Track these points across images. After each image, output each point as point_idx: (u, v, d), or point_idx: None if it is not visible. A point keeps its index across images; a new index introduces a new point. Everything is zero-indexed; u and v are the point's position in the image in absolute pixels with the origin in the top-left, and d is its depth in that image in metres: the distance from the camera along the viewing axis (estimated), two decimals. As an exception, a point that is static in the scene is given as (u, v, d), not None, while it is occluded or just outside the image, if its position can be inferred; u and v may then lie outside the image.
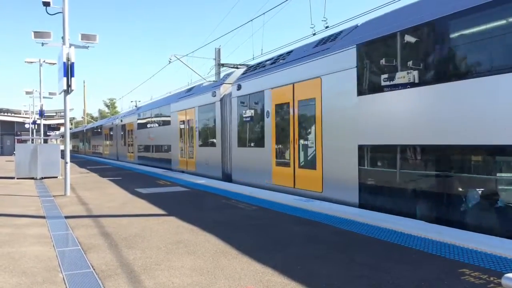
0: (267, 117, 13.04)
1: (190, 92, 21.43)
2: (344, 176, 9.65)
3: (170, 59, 28.68)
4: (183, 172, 20.51)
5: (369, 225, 6.97)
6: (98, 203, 10.20)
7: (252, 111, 14.09)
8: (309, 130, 11.20)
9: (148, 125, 27.61)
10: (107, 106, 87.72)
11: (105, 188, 13.36)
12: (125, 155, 32.96)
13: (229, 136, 16.12)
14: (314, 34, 13.96)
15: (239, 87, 14.92)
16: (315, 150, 10.75)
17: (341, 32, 10.86)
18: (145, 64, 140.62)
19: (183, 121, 21.14)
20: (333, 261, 5.06)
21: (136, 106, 40.32)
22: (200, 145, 18.93)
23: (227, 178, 16.07)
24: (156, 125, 25.80)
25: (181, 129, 21.50)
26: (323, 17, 13.43)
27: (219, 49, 28.31)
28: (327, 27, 13.28)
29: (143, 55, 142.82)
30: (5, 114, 58.07)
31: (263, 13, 16.78)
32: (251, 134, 14.38)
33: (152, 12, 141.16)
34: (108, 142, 40.35)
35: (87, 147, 54.96)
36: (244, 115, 14.60)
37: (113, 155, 37.38)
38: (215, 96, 17.18)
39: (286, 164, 11.96)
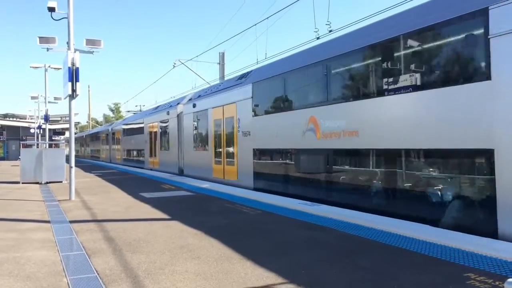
0: (209, 128, 17.89)
1: (156, 109, 28.21)
2: (247, 169, 14.38)
3: (175, 64, 28.88)
4: (151, 169, 26.30)
5: (373, 229, 6.94)
6: (102, 207, 10.22)
7: (198, 123, 19.14)
8: (231, 138, 15.65)
9: (130, 134, 34.09)
10: (111, 110, 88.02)
11: (110, 193, 13.39)
12: (115, 158, 39.78)
13: (182, 142, 21.44)
14: (318, 38, 14.01)
15: (194, 106, 19.49)
16: (233, 152, 15.41)
17: (251, 71, 15.48)
18: (149, 68, 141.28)
19: (151, 131, 27.13)
20: (337, 266, 5.05)
21: (138, 112, 43.88)
22: (161, 149, 24.95)
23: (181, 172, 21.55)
24: (136, 134, 31.71)
25: (150, 137, 27.41)
26: (327, 21, 13.49)
27: (223, 54, 28.46)
28: (330, 31, 13.32)
29: (148, 59, 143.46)
30: (11, 119, 58.44)
31: (267, 18, 17.03)
32: (198, 141, 19.46)
33: (156, 17, 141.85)
34: (103, 147, 47.20)
35: (86, 151, 62.45)
36: (193, 126, 19.76)
37: (107, 158, 43.89)
38: (170, 114, 23.12)
39: (219, 162, 16.70)
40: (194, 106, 19.47)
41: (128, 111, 46.37)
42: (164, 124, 24.67)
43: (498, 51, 6.55)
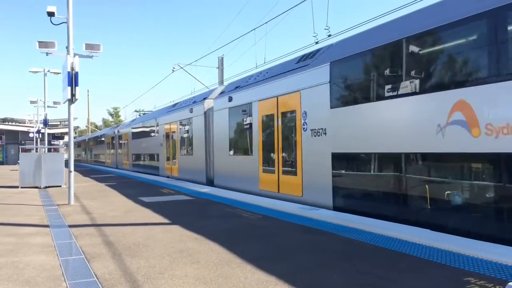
0: (253, 126, 14.47)
1: (174, 107, 24.40)
2: (320, 181, 10.50)
3: (174, 68, 28.91)
4: (168, 177, 22.77)
5: (374, 234, 6.94)
6: (101, 212, 10.20)
7: (236, 121, 15.65)
8: (291, 138, 12.13)
9: (141, 136, 30.17)
10: (111, 115, 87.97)
11: (109, 197, 13.37)
12: (122, 163, 36.26)
13: (212, 145, 17.89)
14: (316, 43, 14.04)
15: (229, 99, 15.94)
16: (295, 157, 11.67)
17: (319, 49, 11.85)
18: (148, 73, 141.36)
19: (167, 133, 23.77)
20: (338, 270, 5.04)
21: (141, 114, 41.59)
22: (182, 154, 21.53)
23: (210, 183, 17.96)
24: (147, 136, 28.10)
25: (166, 140, 24.04)
26: (325, 26, 13.49)
27: (222, 58, 28.53)
28: (329, 35, 13.35)
29: (147, 64, 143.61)
30: (10, 123, 58.40)
31: (266, 22, 17.05)
32: (235, 143, 15.84)
33: (155, 22, 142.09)
34: (109, 151, 43.14)
35: (89, 156, 58.96)
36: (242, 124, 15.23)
37: (113, 163, 40.34)
38: (194, 111, 19.88)
39: (271, 171, 13.16)
40: (230, 100, 15.79)
41: (137, 111, 41.97)
42: (185, 124, 20.97)
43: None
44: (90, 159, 56.82)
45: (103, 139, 46.51)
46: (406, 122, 8.01)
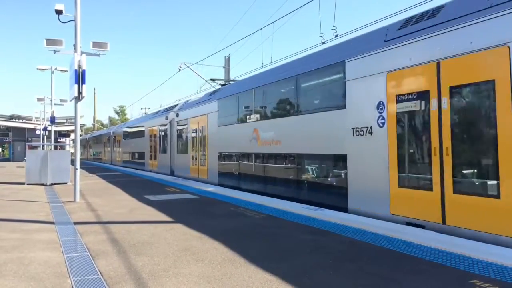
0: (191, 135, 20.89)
1: (156, 114, 29.42)
2: (213, 168, 17.90)
3: (180, 67, 28.95)
4: (150, 171, 27.43)
5: (378, 235, 6.92)
6: (107, 209, 10.25)
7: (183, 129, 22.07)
8: (203, 143, 19.28)
9: (131, 137, 34.95)
10: (117, 113, 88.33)
11: (114, 195, 13.43)
12: (115, 160, 41.01)
13: (173, 146, 23.74)
14: (323, 43, 14.01)
15: (177, 115, 23.03)
16: (205, 155, 19.02)
17: (216, 90, 19.44)
18: (155, 71, 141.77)
19: (151, 135, 28.35)
20: (341, 271, 5.03)
21: (145, 113, 42.38)
22: (160, 152, 26.31)
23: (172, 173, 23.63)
24: (136, 137, 32.86)
25: (150, 141, 28.66)
26: (332, 26, 13.47)
27: (228, 57, 28.52)
28: (336, 35, 13.32)
29: (154, 62, 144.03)
30: (17, 120, 58.76)
31: (273, 22, 17.17)
32: (182, 145, 22.34)
33: (162, 21, 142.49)
34: (106, 149, 47.32)
35: (106, 154, 58.20)
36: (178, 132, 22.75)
37: (108, 160, 45.06)
38: (167, 119, 24.63)
39: (195, 164, 20.24)
40: (177, 115, 23.47)
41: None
42: (162, 129, 26.16)
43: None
44: (90, 156, 61.13)
45: (100, 138, 50.70)
46: (243, 136, 15.15)
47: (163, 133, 25.45)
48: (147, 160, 29.55)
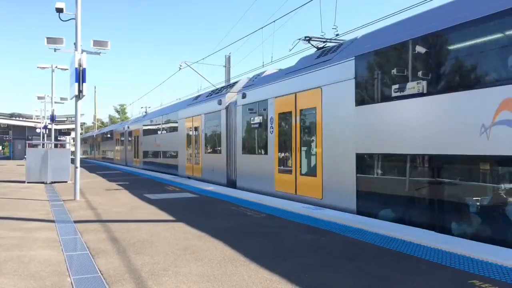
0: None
1: (197, 100, 21.51)
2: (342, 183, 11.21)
3: (181, 66, 28.93)
4: (189, 177, 20.45)
5: (378, 234, 6.92)
6: (107, 208, 10.25)
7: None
8: (308, 137, 12.27)
9: (155, 132, 27.78)
10: (117, 111, 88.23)
11: (114, 193, 13.43)
12: (132, 161, 33.65)
13: (234, 142, 16.28)
14: (324, 42, 13.97)
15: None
16: (314, 157, 11.68)
17: (340, 45, 12.85)
18: (155, 70, 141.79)
19: (190, 128, 21.11)
20: (341, 270, 5.03)
21: (146, 112, 39.88)
22: (206, 151, 19.17)
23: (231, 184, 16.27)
24: (164, 132, 25.88)
25: (188, 136, 21.42)
26: (333, 25, 13.43)
27: (229, 56, 28.52)
28: (337, 35, 13.30)
29: (154, 62, 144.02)
30: (17, 118, 58.75)
31: (274, 21, 16.95)
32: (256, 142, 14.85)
33: (162, 20, 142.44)
34: (119, 147, 39.60)
35: (98, 152, 52.32)
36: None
37: (121, 160, 37.65)
38: (220, 104, 17.42)
39: (288, 170, 12.69)
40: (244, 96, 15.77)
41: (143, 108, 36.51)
42: (209, 120, 18.73)
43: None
44: (98, 156, 52.86)
45: (111, 135, 42.92)
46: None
47: (213, 125, 18.19)
48: (182, 162, 22.01)
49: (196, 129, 20.24)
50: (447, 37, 7.45)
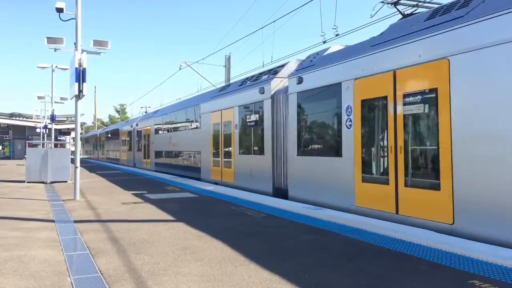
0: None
1: (225, 90, 18.00)
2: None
3: (181, 66, 28.95)
4: (216, 183, 17.09)
5: (378, 235, 6.92)
6: (107, 207, 10.25)
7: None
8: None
9: (170, 129, 24.78)
10: (117, 111, 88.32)
11: (114, 193, 13.43)
12: (141, 162, 30.85)
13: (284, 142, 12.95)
14: (324, 42, 14.00)
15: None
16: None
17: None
18: (155, 70, 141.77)
19: (218, 124, 17.62)
20: (341, 270, 5.03)
21: (146, 112, 39.20)
22: (240, 152, 15.52)
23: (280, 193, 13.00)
24: (181, 129, 22.80)
25: (214, 133, 17.95)
26: (333, 25, 13.40)
27: (229, 56, 28.53)
28: (337, 35, 13.31)
29: (154, 61, 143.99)
30: (17, 118, 58.74)
31: (274, 21, 16.90)
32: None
33: (162, 20, 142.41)
34: (125, 147, 36.83)
35: (102, 152, 49.47)
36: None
37: (129, 160, 34.69)
38: (263, 92, 13.89)
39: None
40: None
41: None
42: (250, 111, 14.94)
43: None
44: (101, 156, 49.76)
45: (117, 134, 39.87)
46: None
47: (251, 119, 14.72)
48: (206, 165, 18.74)
49: (225, 125, 16.77)
50: None
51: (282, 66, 14.44)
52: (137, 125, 32.94)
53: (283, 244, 6.37)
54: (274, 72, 14.46)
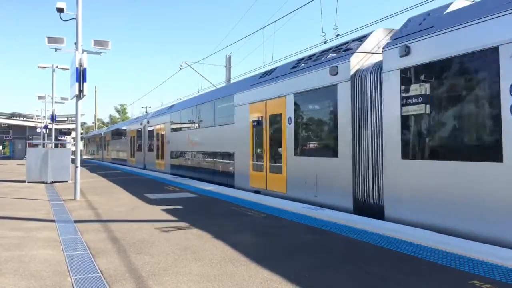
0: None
1: (271, 74, 14.19)
2: None
3: (181, 66, 28.94)
4: (258, 192, 13.85)
5: (379, 235, 6.92)
6: (107, 207, 10.25)
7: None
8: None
9: (190, 127, 21.50)
10: (118, 111, 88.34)
11: (115, 193, 13.43)
12: (153, 163, 27.88)
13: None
14: (325, 42, 14.00)
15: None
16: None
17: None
18: (156, 70, 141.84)
19: (260, 118, 14.17)
20: (342, 271, 5.03)
21: (146, 112, 38.39)
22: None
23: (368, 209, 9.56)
24: (206, 126, 19.33)
25: (255, 129, 14.48)
26: (334, 26, 13.42)
27: (229, 56, 28.54)
28: (338, 35, 13.31)
29: (154, 61, 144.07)
30: (17, 118, 58.78)
31: (274, 21, 16.83)
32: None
33: (163, 20, 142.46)
34: (132, 147, 33.91)
35: (107, 152, 46.25)
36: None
37: (138, 161, 31.59)
38: (335, 74, 10.49)
39: None
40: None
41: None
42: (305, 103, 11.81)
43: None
44: (106, 156, 46.49)
45: (124, 132, 36.88)
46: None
47: (314, 109, 11.66)
48: (242, 169, 15.29)
49: (273, 118, 13.33)
50: None
51: (360, 39, 10.87)
52: (148, 122, 29.62)
53: (283, 244, 6.37)
54: (346, 48, 10.95)
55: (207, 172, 18.96)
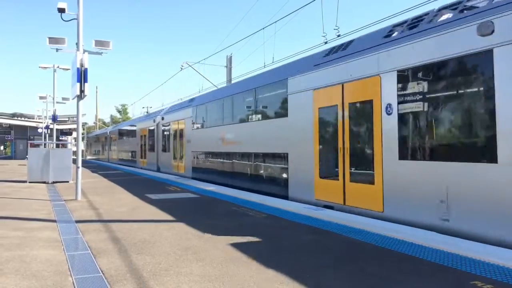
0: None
1: (345, 49, 10.72)
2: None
3: (182, 66, 28.95)
4: (331, 208, 10.29)
5: (380, 235, 6.91)
6: (108, 208, 10.26)
7: None
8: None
9: (219, 123, 18.00)
10: (119, 111, 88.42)
11: (116, 193, 13.44)
12: (168, 165, 24.71)
13: None
14: (325, 43, 14.00)
15: None
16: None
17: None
18: (157, 70, 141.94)
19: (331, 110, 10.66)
20: (343, 271, 5.02)
21: (147, 112, 37.62)
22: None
23: None
24: (244, 121, 15.72)
25: (322, 125, 11.05)
26: (335, 26, 13.42)
27: (230, 57, 28.54)
28: (339, 35, 13.31)
29: (155, 61, 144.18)
30: (19, 118, 58.84)
31: (275, 22, 16.84)
32: None
33: (164, 20, 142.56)
34: (143, 147, 30.55)
35: (113, 152, 43.10)
36: None
37: (151, 162, 28.12)
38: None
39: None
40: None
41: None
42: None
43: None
44: (113, 156, 43.35)
45: (133, 131, 33.59)
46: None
47: (447, 95, 7.58)
48: (302, 176, 11.76)
49: (355, 108, 9.88)
50: None
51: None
52: (162, 118, 25.92)
53: (284, 245, 6.37)
54: None
55: (245, 178, 15.39)
